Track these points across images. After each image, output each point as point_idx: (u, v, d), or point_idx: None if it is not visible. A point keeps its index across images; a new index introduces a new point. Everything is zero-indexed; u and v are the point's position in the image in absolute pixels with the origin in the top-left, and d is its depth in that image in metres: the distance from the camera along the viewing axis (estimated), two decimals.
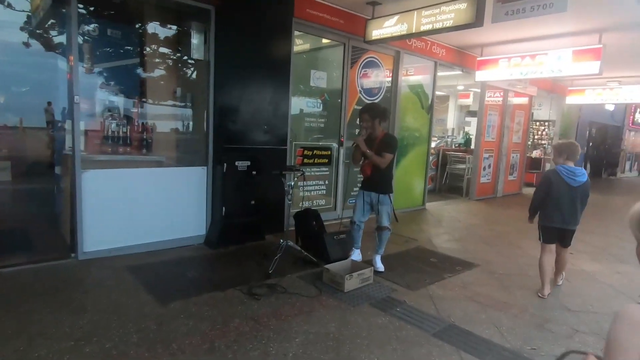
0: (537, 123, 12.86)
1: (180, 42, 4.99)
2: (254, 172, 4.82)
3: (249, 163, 4.77)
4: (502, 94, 9.49)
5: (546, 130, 13.07)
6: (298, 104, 5.74)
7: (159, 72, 5.17)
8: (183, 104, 5.18)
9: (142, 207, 4.31)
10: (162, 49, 5.06)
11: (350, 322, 3.11)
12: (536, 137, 12.90)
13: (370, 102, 6.32)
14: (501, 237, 5.98)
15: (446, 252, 5.10)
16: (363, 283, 3.80)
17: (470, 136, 12.14)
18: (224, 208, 4.64)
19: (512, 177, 10.53)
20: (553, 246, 3.93)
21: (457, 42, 7.59)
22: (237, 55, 4.77)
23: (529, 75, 7.02)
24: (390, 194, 4.18)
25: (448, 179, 9.90)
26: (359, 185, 4.35)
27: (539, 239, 4.02)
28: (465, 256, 4.94)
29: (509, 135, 9.94)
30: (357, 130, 4.11)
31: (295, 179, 4.20)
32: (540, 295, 3.86)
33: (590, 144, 15.29)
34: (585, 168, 14.80)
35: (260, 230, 5.02)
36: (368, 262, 4.28)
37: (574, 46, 6.39)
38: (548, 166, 12.41)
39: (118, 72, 4.99)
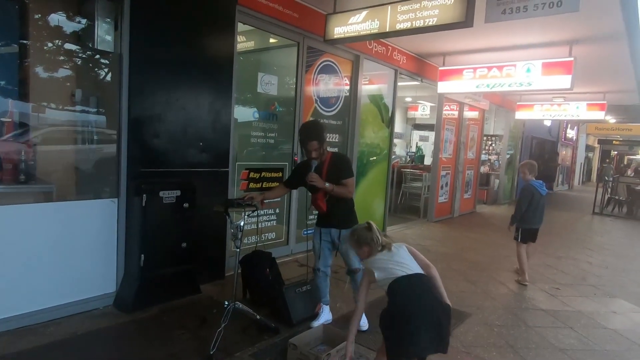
0: (485, 137, 13.02)
1: (79, 27, 3.79)
2: (186, 205, 3.74)
3: (178, 193, 3.69)
4: (457, 107, 9.26)
5: (493, 145, 13.29)
6: (243, 114, 4.76)
7: (49, 67, 3.90)
8: (85, 111, 3.95)
9: (14, 262, 3.04)
10: (53, 35, 3.81)
11: None
12: (483, 152, 13.05)
13: (308, 121, 5.42)
14: (479, 270, 5.44)
15: None
16: None
17: (423, 153, 11.93)
18: (142, 256, 3.50)
19: (467, 195, 10.36)
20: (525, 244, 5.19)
21: (419, 49, 7.13)
22: (161, 48, 3.70)
23: (496, 88, 6.71)
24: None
25: (404, 198, 9.42)
26: (316, 213, 3.48)
27: (517, 239, 5.17)
28: (451, 302, 4.21)
29: (464, 151, 9.75)
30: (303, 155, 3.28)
31: (247, 217, 3.22)
32: (523, 283, 5.00)
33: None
34: None
35: (193, 281, 3.93)
36: (340, 321, 3.42)
37: (543, 58, 6.16)
38: (497, 182, 12.58)
39: None
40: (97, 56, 3.92)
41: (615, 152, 31.45)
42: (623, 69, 7.55)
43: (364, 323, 3.42)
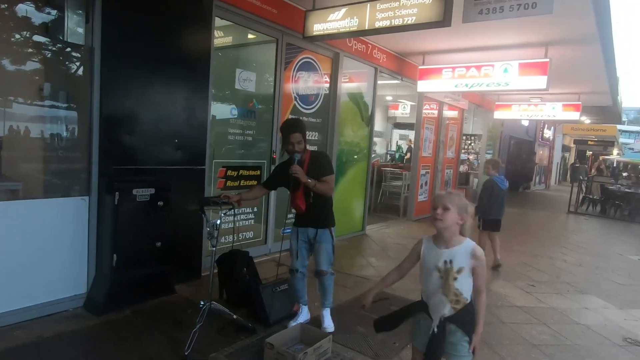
0: (464, 137, 13.26)
1: (49, 19, 3.70)
2: (160, 203, 3.70)
3: (152, 191, 3.64)
4: (437, 106, 9.41)
5: (472, 144, 13.55)
6: (220, 111, 4.73)
7: (16, 59, 3.79)
8: (54, 106, 3.85)
9: None
10: (21, 26, 3.70)
11: None
12: (462, 151, 13.28)
13: (290, 117, 5.49)
14: None
15: (405, 294, 4.44)
16: (321, 359, 2.93)
17: (403, 151, 12.06)
18: (115, 256, 3.44)
19: None
20: (487, 233, 5.77)
21: (399, 48, 7.21)
22: (135, 42, 3.65)
23: (474, 87, 6.85)
24: (332, 228, 3.41)
25: (384, 197, 9.52)
26: (294, 212, 3.49)
27: (479, 227, 5.75)
28: None
29: (443, 150, 9.91)
30: (283, 153, 3.28)
31: (223, 215, 3.21)
32: (495, 264, 5.67)
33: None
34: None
35: (168, 282, 3.89)
36: (317, 320, 3.45)
37: (520, 59, 6.32)
38: (476, 181, 12.83)
39: None
40: (68, 49, 3.82)
41: (590, 152, 32.51)
42: (596, 71, 7.82)
43: (329, 324, 3.43)
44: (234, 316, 3.29)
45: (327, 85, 6.17)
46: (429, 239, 2.14)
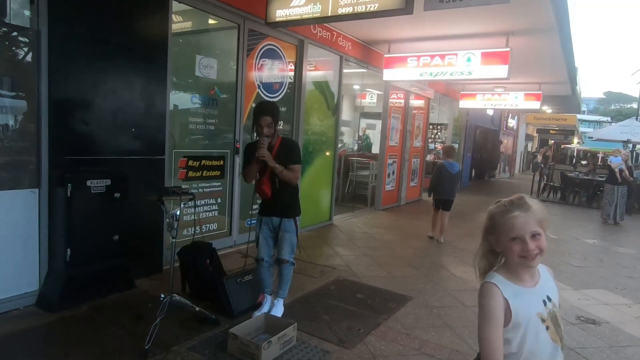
0: (431, 126, 13.56)
1: None
2: (117, 195, 3.61)
3: (108, 182, 3.55)
4: (403, 95, 9.57)
5: (439, 133, 13.89)
6: (180, 99, 4.64)
7: None
8: None
9: None
10: None
11: None
12: (430, 140, 13.59)
13: (267, 100, 5.52)
14: (423, 256, 5.73)
15: (371, 282, 4.57)
16: (285, 348, 2.98)
17: (370, 141, 12.21)
18: (69, 250, 3.35)
19: (414, 183, 10.77)
20: (439, 210, 6.60)
21: (364, 36, 7.27)
22: (86, 25, 3.52)
23: (438, 76, 7.01)
24: (297, 217, 3.45)
25: (351, 187, 9.63)
26: (260, 202, 3.51)
27: (433, 205, 6.70)
28: (394, 286, 4.47)
29: (410, 139, 10.11)
30: (255, 136, 3.28)
31: (183, 205, 3.18)
32: (429, 236, 6.74)
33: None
34: (471, 173, 16.26)
35: (127, 276, 3.83)
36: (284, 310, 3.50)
37: (483, 48, 6.51)
38: None
39: None
40: (13, 33, 3.64)
41: (553, 141, 33.96)
42: (556, 61, 8.16)
43: (280, 310, 3.48)
44: (197, 308, 3.28)
45: (292, 73, 6.16)
46: (502, 279, 1.42)
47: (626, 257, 6.66)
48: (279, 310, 3.48)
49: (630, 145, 20.97)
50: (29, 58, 3.58)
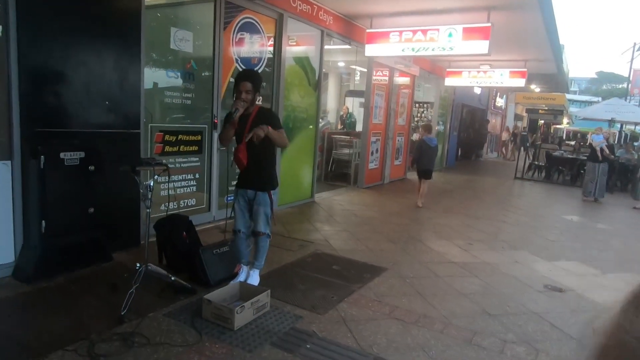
0: (417, 105, 13.72)
1: None
2: (92, 168, 3.71)
3: (82, 155, 3.64)
4: (388, 72, 9.67)
5: (425, 112, 14.05)
6: (155, 72, 4.69)
7: None
8: None
9: None
10: None
11: None
12: (416, 119, 13.76)
13: (250, 69, 5.58)
14: (401, 231, 5.94)
15: (348, 254, 4.77)
16: (258, 313, 3.16)
17: (354, 118, 12.32)
18: (43, 222, 3.45)
19: (398, 162, 10.97)
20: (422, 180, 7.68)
21: (345, 10, 7.32)
22: None
23: (420, 52, 7.12)
24: (272, 191, 3.58)
25: (334, 165, 9.78)
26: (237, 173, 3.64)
27: (417, 176, 7.78)
28: (370, 258, 4.67)
29: (394, 117, 10.25)
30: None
31: (157, 176, 3.29)
32: (418, 204, 7.65)
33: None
34: (457, 152, 16.52)
35: (104, 249, 3.95)
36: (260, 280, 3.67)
37: (464, 23, 6.63)
38: None
39: None
40: None
41: (542, 121, 34.40)
42: (539, 38, 8.32)
43: (256, 280, 3.66)
44: (172, 278, 3.42)
45: (271, 48, 6.21)
46: None
47: (601, 232, 6.97)
48: (254, 280, 3.65)
49: (618, 125, 21.47)
50: None
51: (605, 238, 6.56)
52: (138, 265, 3.24)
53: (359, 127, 11.53)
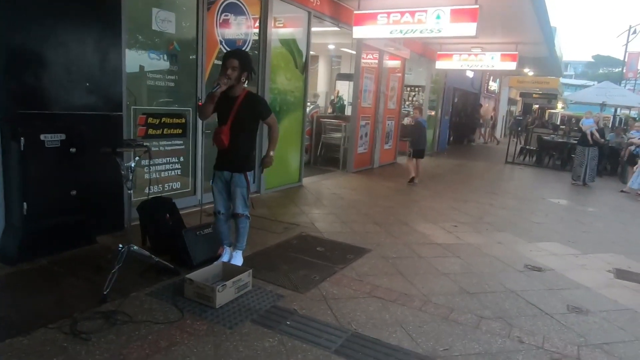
0: (408, 88, 13.76)
1: None
2: (73, 150, 3.76)
3: (63, 136, 3.69)
4: (377, 55, 9.69)
5: (416, 96, 14.11)
6: (136, 54, 4.70)
7: None
8: None
9: None
10: None
11: (229, 351, 2.57)
12: (407, 103, 13.82)
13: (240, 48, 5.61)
14: (387, 214, 6.06)
15: (333, 237, 4.88)
16: (240, 292, 3.26)
17: (344, 101, 12.36)
18: (25, 204, 3.51)
19: (388, 146, 11.06)
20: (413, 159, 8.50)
21: None
22: None
23: (408, 34, 7.16)
24: (248, 173, 3.60)
25: (324, 149, 9.85)
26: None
27: (409, 156, 8.62)
28: (354, 240, 4.79)
29: (384, 101, 10.31)
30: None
31: (137, 158, 3.35)
32: (409, 181, 8.48)
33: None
34: (449, 137, 16.65)
35: (87, 232, 4.02)
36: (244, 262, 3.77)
37: (452, 5, 6.67)
38: None
39: None
40: None
41: (537, 105, 34.58)
42: (529, 20, 8.38)
43: (239, 260, 3.76)
44: (155, 259, 3.51)
45: (257, 29, 6.22)
46: None
47: (587, 215, 7.15)
48: (238, 261, 3.75)
49: (613, 109, 21.67)
50: None
51: (590, 220, 6.74)
52: (121, 246, 3.32)
53: (348, 111, 11.59)
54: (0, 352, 2.41)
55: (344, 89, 12.98)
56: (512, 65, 11.16)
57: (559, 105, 36.15)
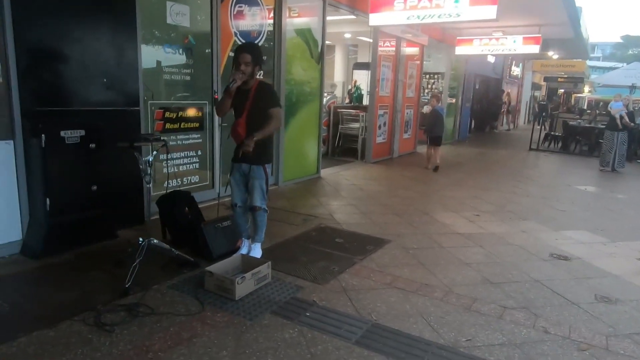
0: (427, 76, 13.57)
1: None
2: (93, 146, 3.84)
3: (82, 132, 3.76)
4: (394, 42, 9.57)
5: (435, 83, 13.90)
6: (152, 49, 4.75)
7: None
8: None
9: None
10: None
11: (249, 343, 2.60)
12: (426, 90, 13.64)
13: (250, 42, 5.61)
14: (407, 204, 6.02)
15: (352, 228, 4.88)
16: (259, 284, 3.30)
17: (362, 91, 12.28)
18: (48, 200, 3.61)
19: (407, 135, 10.95)
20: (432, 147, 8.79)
21: None
22: None
23: (426, 19, 7.05)
24: (266, 165, 3.63)
25: (341, 140, 9.82)
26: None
27: (427, 143, 8.90)
28: (374, 231, 4.77)
29: (402, 89, 10.19)
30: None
31: (155, 152, 3.40)
32: (426, 167, 8.84)
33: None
34: (470, 125, 16.39)
35: (108, 226, 4.11)
36: (263, 254, 3.80)
37: None
38: None
39: None
40: None
41: (562, 90, 33.68)
42: (552, 1, 8.14)
43: (258, 253, 3.79)
44: (176, 252, 3.56)
45: (271, 20, 6.21)
46: None
47: (616, 202, 6.96)
48: (257, 253, 3.78)
49: (638, 91, 20.94)
50: None
51: (619, 207, 6.56)
52: (141, 240, 3.39)
53: (367, 101, 11.51)
54: (29, 344, 2.49)
55: (362, 79, 12.89)
56: (535, 49, 10.89)
57: (586, 89, 35.14)
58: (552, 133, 14.18)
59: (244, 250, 3.79)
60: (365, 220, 5.20)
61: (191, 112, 5.21)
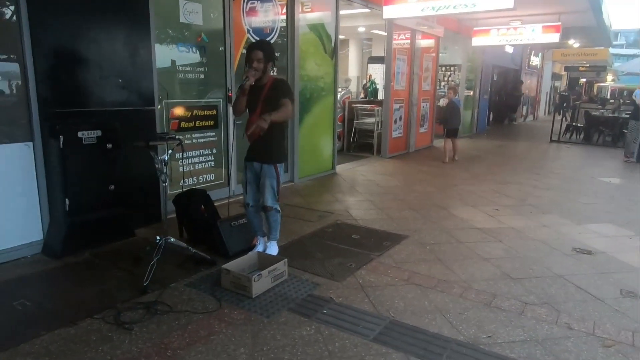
0: (444, 68, 13.41)
1: None
2: (109, 146, 3.89)
3: (99, 133, 3.82)
4: (409, 35, 9.48)
5: (452, 75, 13.73)
6: (166, 48, 4.80)
7: None
8: None
9: None
10: None
11: (267, 340, 2.62)
12: (442, 83, 13.48)
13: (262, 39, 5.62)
14: (424, 199, 5.97)
15: (369, 224, 4.86)
16: (276, 281, 3.31)
17: (377, 85, 12.20)
18: (67, 200, 3.68)
19: (424, 129, 10.85)
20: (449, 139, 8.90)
21: None
22: None
23: (441, 10, 6.96)
24: (278, 164, 3.60)
25: (357, 135, 9.79)
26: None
27: (444, 135, 8.96)
28: (391, 227, 4.75)
29: (418, 83, 10.09)
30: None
31: (171, 151, 3.44)
32: (444, 161, 8.78)
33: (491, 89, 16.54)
34: (489, 117, 16.16)
35: (126, 225, 4.18)
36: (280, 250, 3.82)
37: None
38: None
39: None
40: None
41: (584, 79, 32.91)
42: None
43: (274, 250, 3.79)
44: (192, 250, 3.61)
45: (284, 16, 6.21)
46: None
47: None
48: (273, 251, 3.80)
49: None
50: (8, 12, 3.77)
51: None
52: (158, 238, 3.43)
53: (381, 95, 11.43)
54: (51, 342, 2.55)
55: (377, 73, 12.81)
56: (555, 37, 10.65)
57: (609, 77, 34.26)
58: (574, 124, 13.87)
59: (260, 248, 3.81)
60: (381, 216, 5.18)
61: (205, 110, 5.25)
